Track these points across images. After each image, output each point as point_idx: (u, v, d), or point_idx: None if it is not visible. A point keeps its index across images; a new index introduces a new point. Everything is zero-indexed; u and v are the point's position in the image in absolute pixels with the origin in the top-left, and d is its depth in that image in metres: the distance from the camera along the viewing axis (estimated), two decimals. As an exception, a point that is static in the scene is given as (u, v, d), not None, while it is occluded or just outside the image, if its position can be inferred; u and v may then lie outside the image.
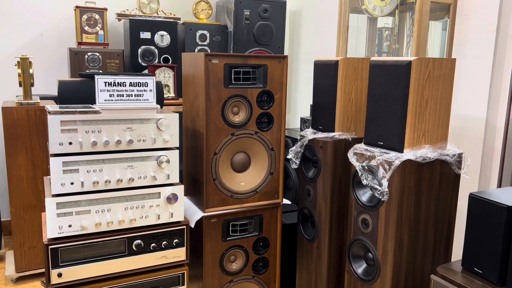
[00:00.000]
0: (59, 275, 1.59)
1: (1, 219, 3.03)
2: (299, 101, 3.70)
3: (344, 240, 1.98)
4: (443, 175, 1.65)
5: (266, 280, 2.11)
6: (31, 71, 2.60)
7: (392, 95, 1.60)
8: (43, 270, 2.61)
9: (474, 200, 1.38)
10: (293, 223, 2.26)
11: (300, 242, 2.15)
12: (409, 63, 1.53)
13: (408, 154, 1.56)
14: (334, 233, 1.97)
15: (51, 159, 1.54)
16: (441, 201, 1.68)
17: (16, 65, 2.59)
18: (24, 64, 2.57)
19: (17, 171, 2.55)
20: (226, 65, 1.81)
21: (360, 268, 1.75)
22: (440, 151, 1.62)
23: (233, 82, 1.85)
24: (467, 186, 2.00)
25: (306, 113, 3.33)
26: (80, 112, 1.60)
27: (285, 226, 2.24)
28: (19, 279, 2.69)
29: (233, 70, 1.84)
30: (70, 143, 1.56)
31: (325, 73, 1.96)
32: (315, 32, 3.46)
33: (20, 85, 2.60)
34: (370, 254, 1.70)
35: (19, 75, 2.58)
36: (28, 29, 3.25)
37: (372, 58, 1.68)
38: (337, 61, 1.89)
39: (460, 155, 1.66)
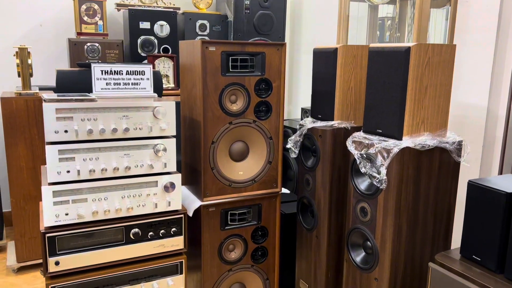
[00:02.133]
0: (57, 263, 1.59)
1: (2, 210, 3.04)
2: (300, 91, 3.68)
3: (343, 229, 1.97)
4: (442, 163, 1.63)
5: (265, 269, 2.10)
6: (29, 61, 2.59)
7: (391, 82, 1.57)
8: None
9: (473, 187, 1.36)
10: (292, 213, 2.25)
11: (299, 232, 2.14)
12: (408, 49, 1.51)
13: (407, 141, 1.54)
14: (333, 222, 1.96)
15: (47, 147, 1.53)
16: (441, 189, 1.66)
17: (14, 55, 2.58)
18: (22, 54, 2.56)
19: (17, 162, 2.55)
20: (223, 52, 1.79)
21: (358, 256, 1.74)
22: (439, 139, 1.60)
23: (230, 70, 1.83)
24: (468, 174, 1.98)
25: (307, 104, 3.31)
26: (76, 100, 1.59)
27: (284, 216, 2.23)
28: (20, 269, 2.70)
29: (230, 57, 1.82)
30: (66, 131, 1.56)
31: (324, 61, 1.94)
32: (316, 21, 3.42)
33: (19, 76, 2.59)
34: (368, 242, 1.68)
35: (17, 65, 2.57)
36: (27, 20, 3.24)
37: (371, 45, 1.66)
38: (336, 49, 1.87)
39: (460, 143, 1.64)
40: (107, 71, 1.79)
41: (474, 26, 2.05)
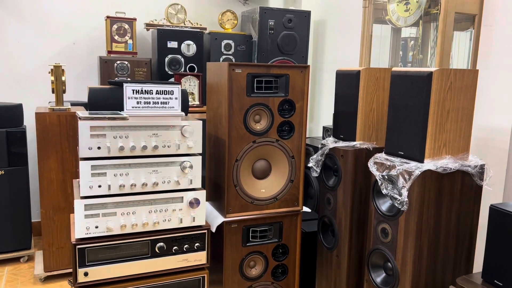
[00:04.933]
0: (86, 274, 1.66)
1: (32, 220, 3.15)
2: (322, 110, 3.72)
3: (364, 249, 1.98)
4: (464, 186, 1.64)
5: (285, 287, 2.12)
6: (63, 78, 2.72)
7: (413, 105, 1.60)
8: (70, 270, 2.71)
9: (495, 212, 1.37)
10: (313, 231, 2.28)
11: (320, 250, 2.16)
12: (430, 74, 1.54)
13: (429, 164, 1.56)
14: (354, 242, 1.97)
15: (81, 162, 1.61)
16: (462, 212, 1.66)
17: (49, 72, 2.72)
18: (57, 71, 2.69)
19: (48, 174, 2.66)
20: (249, 74, 1.86)
21: (379, 277, 1.75)
22: (461, 162, 1.61)
23: (255, 91, 1.89)
24: (492, 198, 1.97)
25: (329, 122, 3.34)
26: (109, 118, 1.68)
27: (305, 234, 2.25)
28: (47, 278, 2.79)
29: (255, 79, 1.88)
30: (99, 148, 1.64)
31: (347, 83, 1.98)
32: (339, 42, 3.48)
33: (53, 92, 2.72)
34: (389, 263, 1.70)
35: (52, 82, 2.70)
36: (61, 38, 3.40)
37: (394, 68, 1.70)
38: (358, 71, 1.91)
39: (482, 166, 1.65)
40: (138, 90, 1.88)
41: (498, 50, 2.06)
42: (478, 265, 1.74)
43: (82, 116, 1.68)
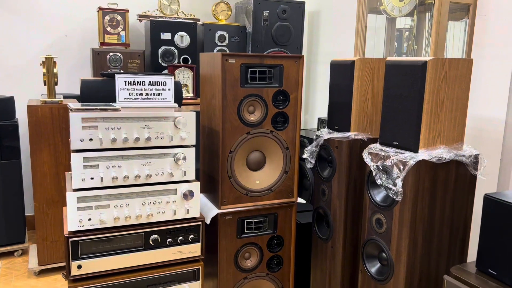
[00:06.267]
0: (79, 267, 1.65)
1: (25, 214, 3.13)
2: (317, 102, 3.71)
3: (359, 240, 1.98)
4: (459, 176, 1.64)
5: (280, 278, 2.13)
6: (55, 70, 2.69)
7: (407, 95, 1.60)
8: (64, 263, 2.69)
9: (489, 201, 1.37)
10: (308, 223, 2.27)
11: (314, 242, 2.16)
12: (424, 63, 1.53)
13: (423, 154, 1.56)
14: (349, 233, 1.97)
15: (72, 154, 1.60)
16: (457, 202, 1.66)
17: (41, 64, 2.68)
18: (48, 63, 2.65)
19: (41, 167, 2.64)
20: (242, 65, 1.84)
21: (373, 267, 1.76)
22: (456, 152, 1.61)
23: (249, 81, 1.87)
24: (486, 188, 1.97)
25: (324, 114, 3.33)
26: (101, 110, 1.66)
27: (300, 225, 2.25)
28: (42, 272, 2.78)
29: (249, 70, 1.86)
30: (91, 140, 1.62)
31: (341, 73, 1.97)
32: (333, 32, 3.46)
33: (45, 84, 2.69)
34: (384, 254, 1.70)
35: (44, 74, 2.67)
36: (52, 30, 3.36)
37: (388, 58, 1.68)
38: (353, 61, 1.90)
39: (476, 156, 1.64)
40: (130, 81, 1.86)
41: (492, 40, 2.05)
42: (472, 254, 1.75)
43: (74, 107, 1.66)
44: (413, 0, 2.25)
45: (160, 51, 3.26)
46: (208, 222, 1.95)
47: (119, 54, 3.17)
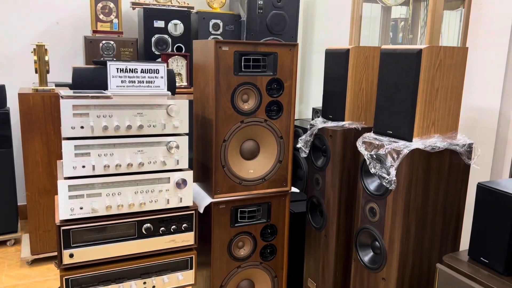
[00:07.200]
0: (71, 255, 1.63)
1: (18, 203, 3.11)
2: (312, 91, 3.69)
3: (352, 229, 1.99)
4: (452, 165, 1.64)
5: (274, 267, 2.13)
6: (46, 58, 2.65)
7: (402, 83, 1.59)
8: (57, 253, 2.68)
9: (482, 190, 1.37)
10: (301, 212, 2.27)
11: (308, 231, 2.16)
12: (419, 51, 1.51)
13: (417, 143, 1.55)
14: (342, 222, 1.97)
15: (64, 142, 1.58)
16: (450, 190, 1.67)
17: (32, 52, 2.64)
18: (40, 51, 2.62)
19: (33, 156, 2.61)
20: (236, 52, 1.82)
21: (367, 256, 1.76)
22: (450, 141, 1.61)
23: (243, 69, 1.85)
24: (479, 177, 1.98)
25: (318, 104, 3.32)
26: (92, 97, 1.63)
27: (293, 215, 2.25)
28: (34, 262, 2.77)
29: (243, 57, 1.84)
30: (82, 127, 1.60)
31: (336, 62, 1.95)
32: (328, 22, 3.43)
33: (36, 72, 2.65)
34: (377, 242, 1.70)
35: (35, 62, 2.63)
36: (44, 18, 3.31)
37: (383, 47, 1.67)
38: (348, 50, 1.89)
39: (470, 145, 1.64)
40: (123, 69, 1.83)
41: (487, 29, 2.04)
42: (465, 243, 1.76)
43: (65, 94, 1.64)
44: (409, -11, 2.23)
45: (153, 39, 3.23)
46: (201, 211, 1.94)
47: (112, 42, 3.13)
